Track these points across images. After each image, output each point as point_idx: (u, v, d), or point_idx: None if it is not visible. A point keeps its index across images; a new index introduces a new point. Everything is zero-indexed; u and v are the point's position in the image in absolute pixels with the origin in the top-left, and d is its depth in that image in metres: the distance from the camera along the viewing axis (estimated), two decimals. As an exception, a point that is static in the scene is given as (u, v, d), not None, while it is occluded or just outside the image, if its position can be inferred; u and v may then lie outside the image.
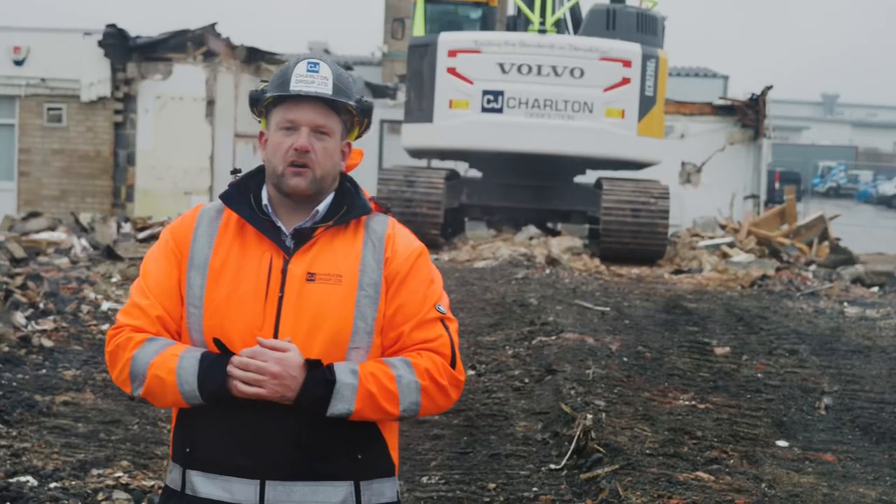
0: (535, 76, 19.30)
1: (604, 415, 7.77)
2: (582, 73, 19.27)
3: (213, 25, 23.71)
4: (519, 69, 19.30)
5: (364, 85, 29.76)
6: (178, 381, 2.99)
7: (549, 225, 22.57)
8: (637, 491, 6.22)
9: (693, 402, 8.56)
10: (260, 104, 3.19)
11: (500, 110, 19.26)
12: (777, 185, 44.12)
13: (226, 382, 2.97)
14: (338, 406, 2.99)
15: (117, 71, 23.53)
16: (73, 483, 6.13)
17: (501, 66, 19.31)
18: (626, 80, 19.42)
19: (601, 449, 6.97)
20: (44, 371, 8.67)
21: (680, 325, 12.24)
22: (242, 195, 3.18)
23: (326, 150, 3.11)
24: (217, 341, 3.02)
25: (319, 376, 2.97)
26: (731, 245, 20.29)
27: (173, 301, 3.12)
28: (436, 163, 22.79)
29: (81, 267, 13.64)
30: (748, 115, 29.13)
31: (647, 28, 20.27)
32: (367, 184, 20.22)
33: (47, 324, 10.15)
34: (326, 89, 3.09)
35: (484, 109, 19.29)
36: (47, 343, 9.49)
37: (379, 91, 29.27)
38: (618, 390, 8.76)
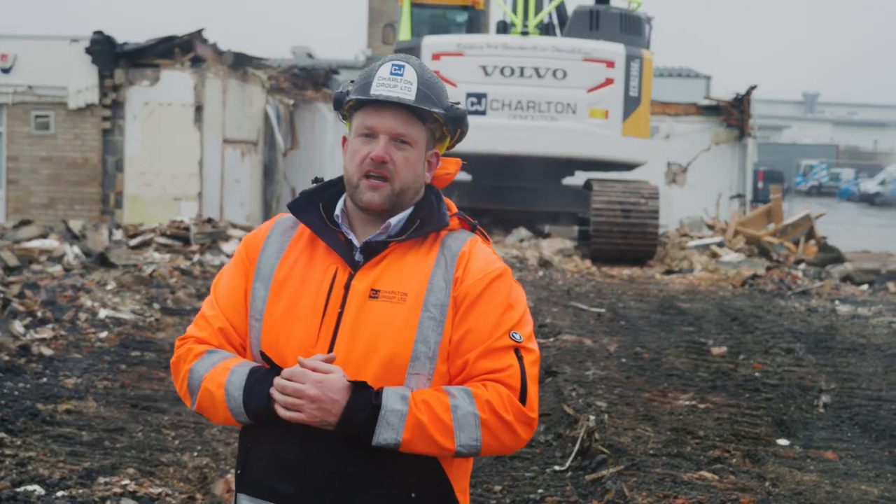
0: (517, 78, 19.32)
1: (606, 416, 7.79)
2: (565, 75, 19.28)
3: (200, 31, 23.67)
4: (502, 71, 19.32)
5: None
6: (227, 397, 2.81)
7: (538, 227, 22.60)
8: (643, 491, 6.25)
9: (693, 402, 8.59)
10: (342, 106, 2.95)
11: (483, 112, 19.27)
12: (761, 185, 44.22)
13: (270, 401, 2.76)
14: (383, 435, 2.71)
15: (105, 78, 23.44)
16: (81, 491, 6.11)
17: (484, 68, 19.34)
18: (609, 81, 19.41)
19: (605, 450, 7.00)
20: (44, 379, 8.63)
21: (675, 325, 12.27)
22: (312, 204, 2.97)
23: (407, 160, 2.87)
24: (263, 355, 2.84)
25: (364, 401, 2.71)
26: (720, 245, 20.34)
27: (239, 313, 2.94)
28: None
29: (75, 275, 13.60)
30: (733, 114, 29.21)
31: (631, 28, 20.27)
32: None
33: (46, 332, 10.11)
34: (409, 95, 2.84)
35: (468, 112, 19.28)
36: (47, 351, 9.46)
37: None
38: (618, 391, 8.78)
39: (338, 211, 2.95)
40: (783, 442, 7.65)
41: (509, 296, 2.89)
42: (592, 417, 7.45)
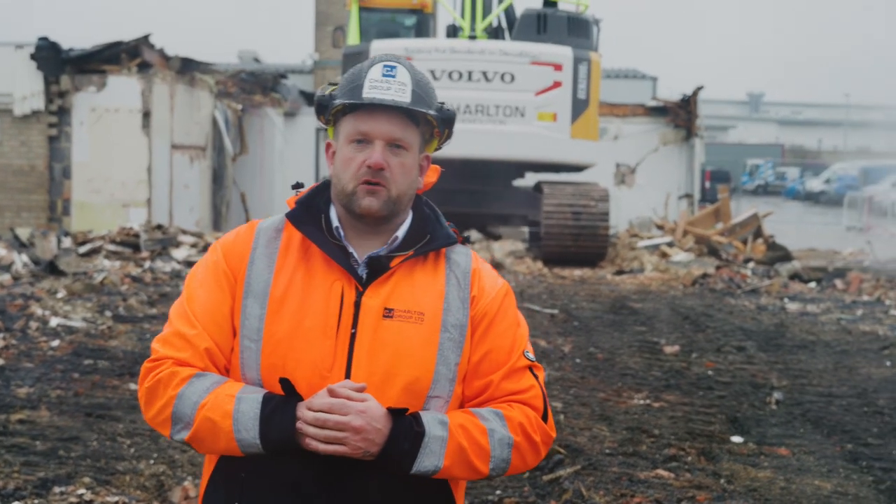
0: (465, 82, 19.33)
1: (562, 416, 7.83)
2: (513, 78, 19.31)
3: (146, 37, 23.52)
4: (450, 76, 19.32)
5: (299, 93, 29.68)
6: (235, 427, 2.57)
7: (489, 229, 22.65)
8: (600, 490, 6.29)
9: (648, 401, 8.66)
10: (328, 111, 2.76)
11: None
12: (708, 184, 44.53)
13: (294, 433, 2.55)
14: (425, 462, 2.59)
15: (51, 84, 23.24)
16: (36, 502, 6.05)
17: (433, 72, 19.31)
18: (557, 84, 19.47)
19: (562, 450, 7.04)
20: (-4, 389, 8.54)
21: (628, 325, 12.35)
22: (311, 215, 2.77)
23: (404, 165, 2.71)
24: (285, 382, 2.59)
25: (407, 428, 2.58)
26: (670, 245, 20.51)
27: (224, 332, 2.70)
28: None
29: (24, 283, 13.46)
30: (680, 115, 29.46)
31: (578, 31, 20.32)
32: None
33: (-4, 341, 10.01)
34: (405, 97, 2.68)
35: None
36: (-3, 361, 9.36)
37: (311, 99, 29.19)
38: (573, 391, 8.83)
39: (336, 222, 2.76)
40: (737, 439, 7.71)
41: (517, 313, 2.85)
42: (549, 418, 7.47)
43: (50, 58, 23.12)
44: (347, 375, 2.64)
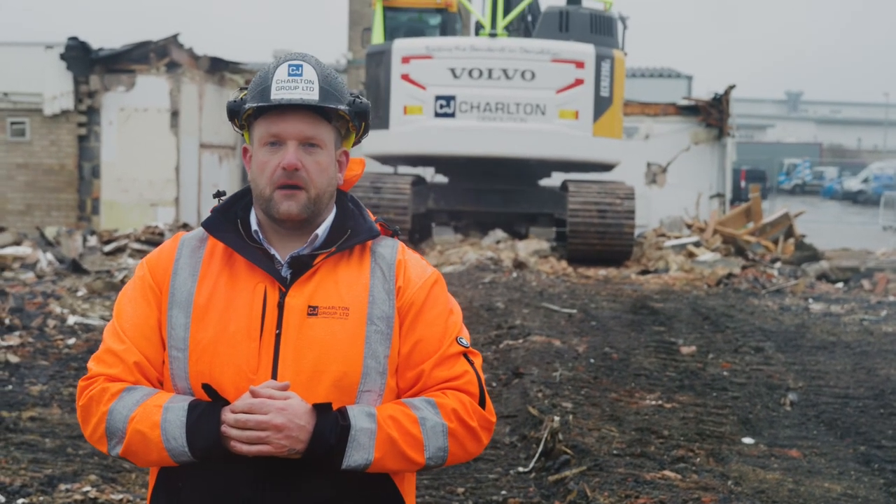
0: (486, 80, 19.32)
1: (571, 416, 7.81)
2: (533, 76, 19.27)
3: (175, 36, 23.68)
4: (470, 73, 19.32)
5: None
6: (164, 437, 2.58)
7: (516, 228, 22.63)
8: (605, 491, 6.26)
9: (659, 402, 8.62)
10: (240, 116, 2.77)
11: (452, 115, 19.28)
12: (743, 184, 44.31)
13: (220, 437, 2.56)
14: (354, 457, 2.59)
15: (80, 84, 23.45)
16: (41, 499, 6.10)
17: (453, 70, 19.34)
18: (579, 82, 19.39)
19: (569, 451, 7.01)
20: (10, 387, 8.63)
21: (646, 325, 12.31)
22: (228, 221, 2.77)
23: (319, 164, 2.70)
24: (207, 387, 2.60)
25: (332, 422, 2.57)
26: (697, 244, 20.40)
27: (153, 345, 2.71)
28: (403, 168, 22.81)
29: (47, 281, 13.59)
30: (712, 114, 29.29)
31: (601, 29, 20.23)
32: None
33: (13, 339, 10.11)
34: (312, 95, 2.67)
35: (437, 114, 19.30)
36: (13, 359, 9.45)
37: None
38: (585, 392, 8.80)
39: (255, 226, 2.76)
40: (748, 440, 7.67)
41: (448, 301, 2.83)
42: (557, 418, 7.46)
43: (79, 58, 23.34)
44: (274, 376, 2.64)
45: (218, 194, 2.86)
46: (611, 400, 8.61)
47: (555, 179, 21.71)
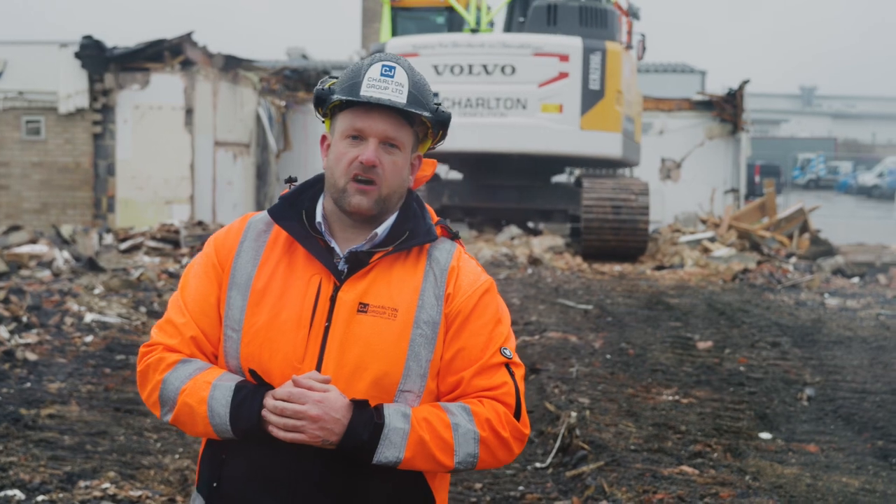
0: (467, 76, 19.31)
1: (588, 412, 7.81)
2: (514, 70, 19.19)
3: (189, 34, 23.71)
4: (451, 70, 19.34)
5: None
6: (210, 413, 2.69)
7: (531, 224, 22.62)
8: (622, 487, 6.27)
9: (676, 397, 8.61)
10: (325, 105, 2.81)
11: None
12: (757, 179, 44.20)
13: (260, 420, 2.66)
14: (385, 453, 2.66)
15: (95, 82, 23.50)
16: (61, 496, 6.12)
17: (436, 67, 19.34)
18: (563, 75, 19.24)
19: (586, 446, 7.02)
20: (28, 384, 8.65)
21: (662, 320, 12.29)
22: (293, 209, 2.84)
23: (395, 164, 2.77)
24: (253, 373, 2.73)
25: (367, 419, 2.65)
26: (712, 240, 20.37)
27: (211, 321, 2.82)
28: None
29: (64, 279, 13.62)
30: (726, 109, 29.24)
31: (593, 21, 19.97)
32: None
33: (31, 337, 10.14)
34: (401, 98, 2.74)
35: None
36: (31, 356, 9.48)
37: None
38: (602, 387, 8.80)
39: (319, 217, 2.83)
40: (765, 435, 7.66)
41: (497, 311, 2.86)
42: (574, 414, 7.46)
43: (94, 56, 23.38)
44: (318, 367, 2.72)
45: (289, 180, 2.94)
46: (627, 395, 8.61)
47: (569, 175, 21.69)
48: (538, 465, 7.06)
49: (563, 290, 14.47)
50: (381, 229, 2.81)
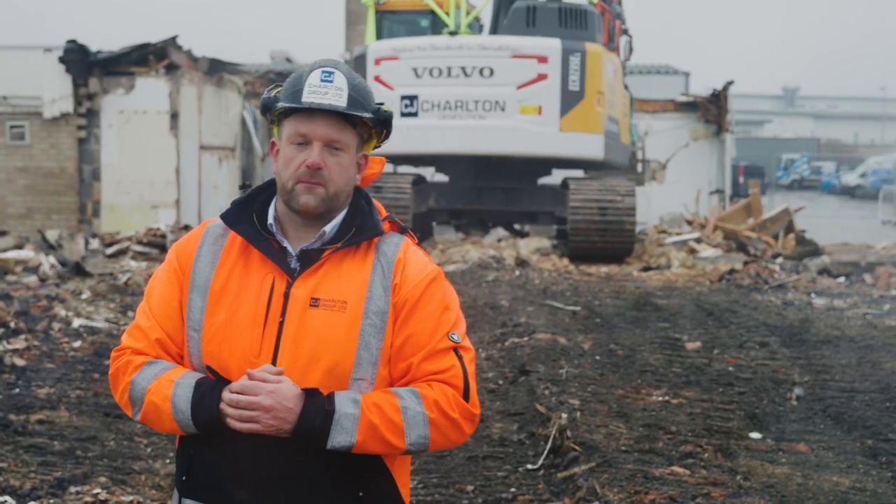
0: (445, 78, 19.31)
1: (578, 413, 7.81)
2: (492, 72, 19.16)
3: (174, 38, 23.68)
4: (431, 72, 19.34)
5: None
6: (173, 409, 2.84)
7: (517, 227, 22.62)
8: (614, 488, 6.26)
9: (666, 398, 8.62)
10: (272, 112, 2.97)
11: (415, 114, 19.30)
12: (742, 180, 44.35)
13: (219, 413, 2.80)
14: (338, 438, 2.79)
15: (79, 86, 23.45)
16: (52, 501, 6.10)
17: (415, 70, 19.36)
18: (542, 77, 19.19)
19: (577, 447, 7.01)
20: (17, 390, 8.62)
21: (651, 321, 12.31)
22: (246, 213, 2.99)
23: (340, 165, 2.92)
24: (209, 368, 2.88)
25: (318, 406, 2.79)
26: (698, 241, 20.41)
27: (175, 324, 2.96)
28: (403, 168, 22.82)
29: (51, 285, 13.58)
30: (710, 110, 29.33)
31: (572, 22, 19.89)
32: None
33: (19, 343, 10.10)
34: (341, 101, 2.89)
35: (402, 114, 19.26)
36: (20, 362, 9.44)
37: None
38: (591, 389, 8.80)
39: (271, 219, 2.97)
40: (755, 435, 7.67)
41: (444, 297, 2.99)
42: (565, 415, 7.46)
43: (78, 60, 23.33)
44: (274, 361, 2.85)
45: (243, 186, 3.09)
46: (617, 396, 8.61)
47: (555, 177, 21.67)
48: (530, 466, 7.06)
49: (550, 292, 14.48)
50: (330, 227, 2.95)
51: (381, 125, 3.02)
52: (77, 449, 7.18)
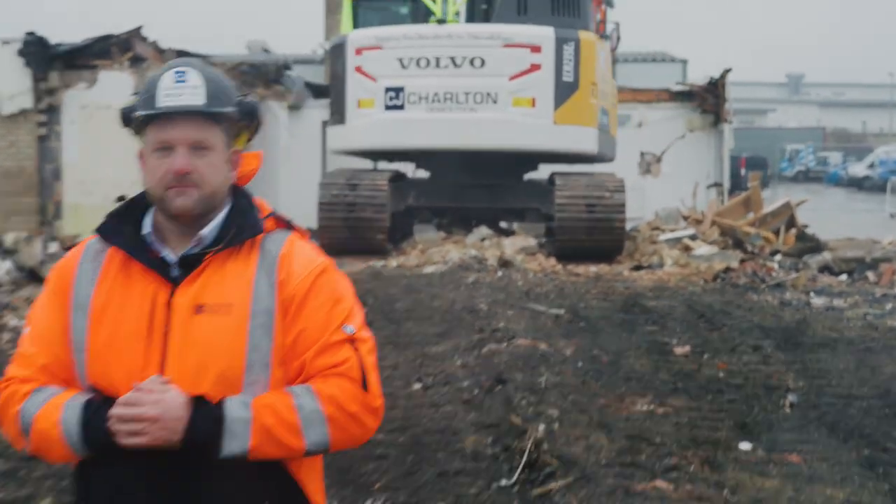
0: (433, 69, 19.17)
1: (557, 425, 7.74)
2: (483, 63, 19.05)
3: (139, 29, 23.60)
4: (418, 63, 19.21)
5: (304, 85, 29.61)
6: (65, 433, 2.84)
7: (504, 225, 22.54)
8: (592, 504, 6.21)
9: (651, 407, 8.56)
10: (131, 123, 3.00)
11: (401, 107, 19.16)
12: (743, 172, 44.36)
13: (108, 431, 2.81)
14: (231, 445, 2.80)
15: (39, 81, 23.35)
16: (-9, 525, 6.05)
17: (401, 60, 19.23)
18: (535, 67, 19.09)
19: (554, 461, 6.95)
20: (-40, 406, 8.53)
21: (638, 324, 12.24)
22: (122, 225, 3.02)
23: (211, 165, 2.94)
24: (92, 388, 2.90)
25: (206, 413, 2.80)
26: (693, 237, 20.36)
27: (61, 347, 2.97)
28: (382, 164, 22.72)
29: (4, 291, 13.50)
30: (708, 100, 29.28)
31: (565, 9, 19.85)
32: (311, 190, 20.17)
33: (-35, 355, 10.01)
34: (198, 100, 2.91)
35: (387, 107, 19.18)
36: (-36, 375, 9.35)
37: (319, 91, 29.11)
38: (572, 398, 8.73)
39: (147, 228, 3.00)
40: (745, 446, 7.61)
41: (336, 289, 3.03)
42: (542, 427, 7.40)
43: (38, 53, 23.24)
44: (162, 374, 2.86)
45: (120, 199, 3.16)
46: (599, 406, 8.54)
47: (542, 173, 21.61)
48: (504, 482, 6.98)
49: (534, 294, 14.41)
50: (207, 230, 2.98)
51: (248, 117, 3.04)
52: (21, 469, 7.13)
